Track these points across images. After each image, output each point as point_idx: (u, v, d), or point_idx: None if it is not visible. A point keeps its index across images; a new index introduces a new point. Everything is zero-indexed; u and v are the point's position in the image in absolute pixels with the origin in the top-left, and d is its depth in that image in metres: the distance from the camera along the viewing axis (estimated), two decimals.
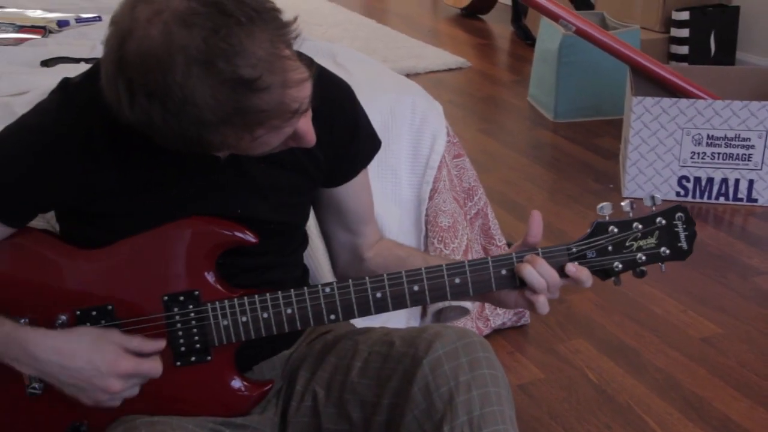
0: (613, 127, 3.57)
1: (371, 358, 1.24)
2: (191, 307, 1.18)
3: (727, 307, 2.36)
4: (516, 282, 1.21)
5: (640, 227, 1.21)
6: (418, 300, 1.21)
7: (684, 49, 4.14)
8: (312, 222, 1.51)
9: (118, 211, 1.16)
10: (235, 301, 1.19)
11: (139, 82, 0.98)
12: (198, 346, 1.20)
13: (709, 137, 2.91)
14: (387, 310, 1.21)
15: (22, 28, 2.54)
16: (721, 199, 2.98)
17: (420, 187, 1.94)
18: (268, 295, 1.19)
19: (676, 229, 1.22)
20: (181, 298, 1.18)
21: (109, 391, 1.14)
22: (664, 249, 1.22)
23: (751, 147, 2.90)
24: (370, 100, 1.58)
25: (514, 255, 1.20)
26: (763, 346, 2.19)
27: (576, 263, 1.20)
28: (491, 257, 1.21)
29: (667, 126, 2.92)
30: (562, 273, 1.19)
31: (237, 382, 1.23)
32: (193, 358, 1.20)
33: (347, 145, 1.29)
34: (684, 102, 2.90)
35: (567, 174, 3.27)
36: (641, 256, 1.22)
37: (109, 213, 1.17)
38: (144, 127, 1.02)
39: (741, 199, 2.97)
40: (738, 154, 2.92)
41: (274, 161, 1.18)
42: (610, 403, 1.98)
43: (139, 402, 1.20)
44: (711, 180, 2.96)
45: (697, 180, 2.97)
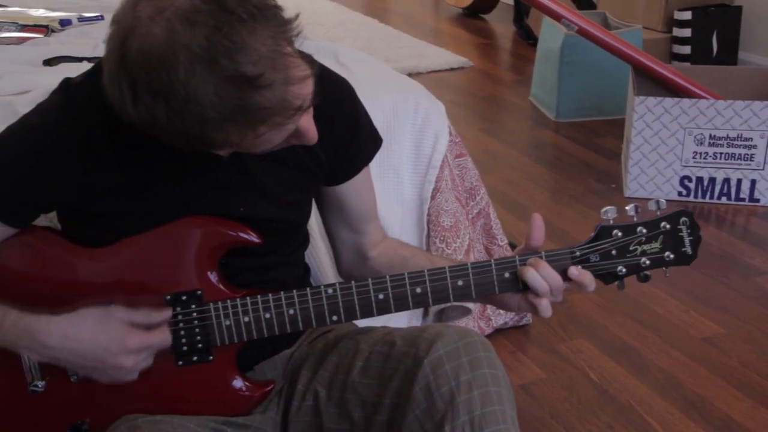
0: (615, 127, 3.56)
1: (372, 358, 1.24)
2: (194, 306, 1.18)
3: (729, 307, 2.36)
4: (519, 285, 1.20)
5: (644, 231, 1.21)
6: (420, 302, 1.21)
7: (686, 49, 4.14)
8: (313, 221, 1.50)
9: (119, 210, 1.16)
10: (237, 301, 1.19)
11: (142, 81, 0.98)
12: (200, 345, 1.20)
13: (712, 137, 2.91)
14: (389, 312, 1.21)
15: (24, 27, 2.54)
16: (723, 199, 2.98)
17: (422, 186, 1.93)
18: (270, 296, 1.19)
19: (681, 234, 1.21)
20: (184, 298, 1.18)
21: (122, 367, 1.14)
22: (668, 254, 1.21)
23: (754, 147, 2.89)
24: (373, 99, 1.58)
25: (517, 258, 1.20)
26: (765, 346, 2.18)
27: (579, 267, 1.20)
28: (494, 260, 1.21)
29: (670, 126, 2.92)
30: (566, 276, 1.19)
31: (239, 382, 1.23)
32: (195, 358, 1.20)
33: (348, 143, 1.29)
34: (686, 102, 2.89)
35: (569, 174, 3.27)
36: (645, 261, 1.21)
37: (109, 213, 1.17)
38: (147, 125, 1.02)
39: (743, 199, 2.97)
40: (740, 154, 2.91)
41: (276, 159, 1.18)
42: (611, 403, 1.98)
43: (141, 401, 1.20)
44: (713, 180, 2.96)
45: (699, 180, 2.97)
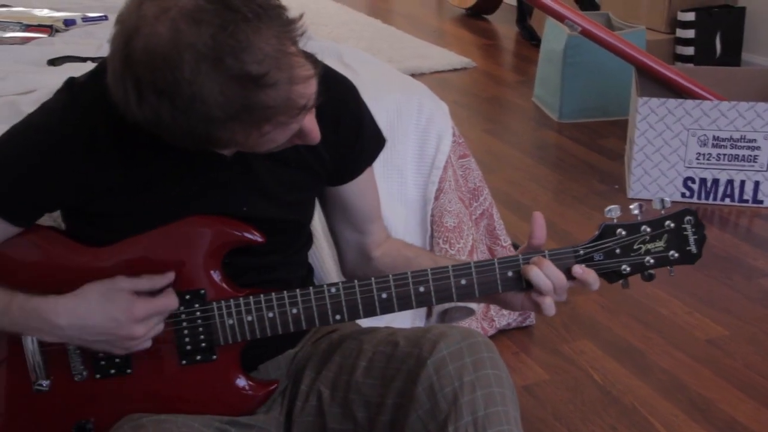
0: (619, 128, 3.56)
1: (376, 358, 1.23)
2: (197, 306, 1.19)
3: (733, 309, 2.36)
4: (522, 284, 1.20)
5: (648, 230, 1.20)
6: (423, 301, 1.21)
7: (690, 50, 4.13)
8: (317, 221, 1.50)
9: (119, 210, 1.17)
10: (240, 301, 1.19)
11: (147, 80, 0.98)
12: (203, 345, 1.20)
13: (715, 138, 2.90)
14: (392, 311, 1.21)
15: (28, 27, 2.55)
16: (727, 201, 2.97)
17: (425, 187, 1.93)
18: (273, 295, 1.19)
19: (685, 233, 1.21)
20: (187, 297, 1.18)
21: (134, 336, 1.14)
22: (672, 252, 1.21)
23: (757, 148, 2.89)
24: (377, 100, 1.58)
25: (521, 257, 1.20)
26: None
27: (583, 265, 1.19)
28: (497, 258, 1.21)
29: (673, 127, 2.91)
30: (569, 275, 1.19)
31: (242, 382, 1.23)
32: (198, 357, 1.20)
33: (352, 143, 1.29)
34: (690, 103, 2.89)
35: (572, 175, 3.26)
36: (649, 260, 1.21)
37: (109, 213, 1.17)
38: (151, 125, 1.02)
39: (746, 201, 2.96)
40: (744, 156, 2.91)
41: (279, 159, 1.18)
42: (615, 404, 1.97)
43: (146, 401, 1.20)
44: (716, 181, 2.95)
45: (703, 181, 2.96)
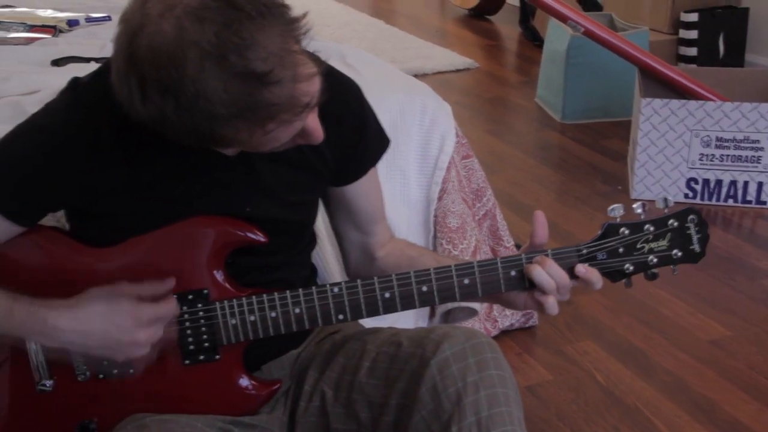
0: (622, 129, 3.56)
1: (379, 359, 1.23)
2: (200, 305, 1.19)
3: (736, 310, 2.36)
4: (525, 283, 1.20)
5: (651, 229, 1.20)
6: (426, 300, 1.20)
7: (693, 51, 4.13)
8: (320, 221, 1.50)
9: (122, 210, 1.17)
10: (243, 300, 1.19)
11: (151, 78, 0.98)
12: (206, 344, 1.20)
13: (718, 139, 2.90)
14: (395, 311, 1.21)
15: (32, 28, 2.55)
16: (730, 202, 2.97)
17: (429, 187, 1.93)
18: (276, 295, 1.19)
19: (689, 232, 1.21)
20: (190, 297, 1.18)
21: (137, 342, 1.13)
22: (676, 251, 1.21)
23: (761, 149, 2.89)
24: (380, 100, 1.58)
25: (524, 256, 1.20)
26: None
27: (586, 264, 1.19)
28: (500, 258, 1.20)
29: (676, 128, 2.91)
30: (572, 274, 1.19)
31: (245, 381, 1.23)
32: (201, 357, 1.20)
33: (355, 144, 1.29)
34: (693, 104, 2.89)
35: (575, 175, 3.26)
36: (652, 259, 1.21)
37: (112, 212, 1.17)
38: (156, 123, 1.02)
39: (750, 202, 2.96)
40: (747, 156, 2.90)
41: (283, 160, 1.18)
42: (618, 405, 1.97)
43: (149, 400, 1.20)
44: (720, 182, 2.95)
45: (706, 182, 2.96)
